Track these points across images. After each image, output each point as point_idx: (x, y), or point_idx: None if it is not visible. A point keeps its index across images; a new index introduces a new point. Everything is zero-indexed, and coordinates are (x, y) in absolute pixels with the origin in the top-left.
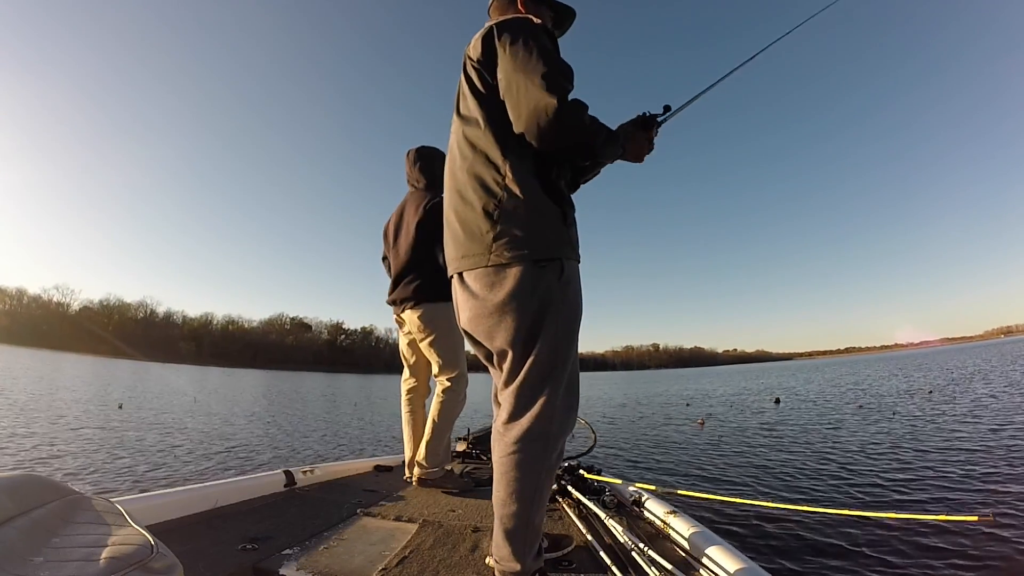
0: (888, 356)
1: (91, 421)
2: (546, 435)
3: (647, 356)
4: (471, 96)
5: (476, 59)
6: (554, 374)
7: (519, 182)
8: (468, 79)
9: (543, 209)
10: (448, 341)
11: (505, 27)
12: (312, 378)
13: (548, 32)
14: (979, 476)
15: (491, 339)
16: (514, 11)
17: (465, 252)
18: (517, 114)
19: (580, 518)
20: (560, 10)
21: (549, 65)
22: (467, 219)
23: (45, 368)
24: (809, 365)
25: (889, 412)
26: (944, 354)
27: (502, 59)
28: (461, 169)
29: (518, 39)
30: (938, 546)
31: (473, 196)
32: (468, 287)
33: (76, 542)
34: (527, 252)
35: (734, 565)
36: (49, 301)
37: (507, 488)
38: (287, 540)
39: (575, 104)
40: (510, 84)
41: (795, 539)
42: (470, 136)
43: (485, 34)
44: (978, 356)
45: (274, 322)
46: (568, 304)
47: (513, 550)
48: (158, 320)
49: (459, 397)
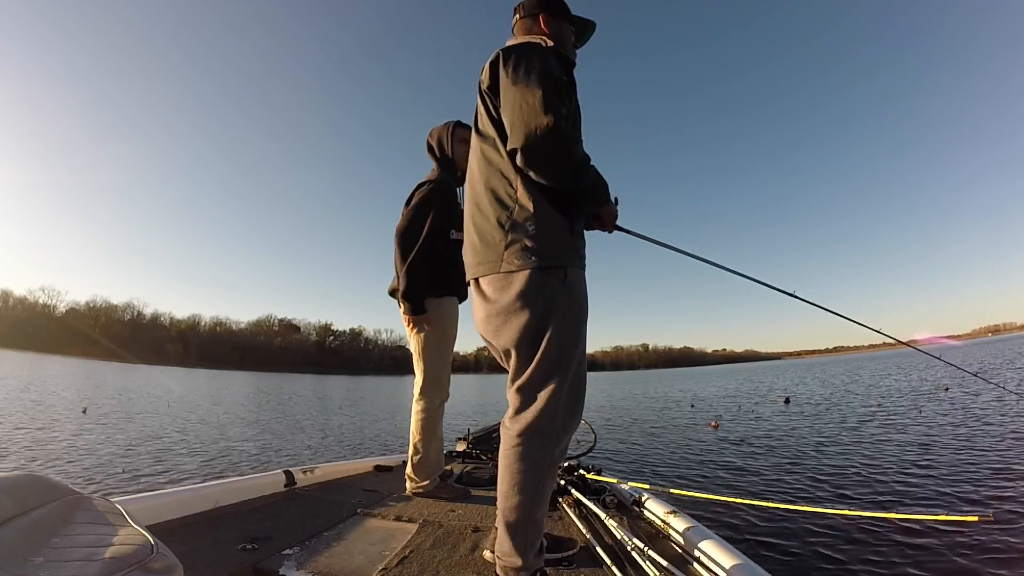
0: (879, 355)
1: (54, 424)
2: (549, 430)
3: (637, 356)
4: (486, 117)
5: (486, 85)
6: (558, 372)
7: (529, 196)
8: (483, 101)
9: (550, 221)
10: (429, 337)
11: (510, 52)
12: (300, 380)
13: (558, 55)
14: (979, 476)
15: (499, 338)
16: (538, 29)
17: (481, 259)
18: (512, 130)
19: (580, 518)
20: (580, 24)
21: (546, 86)
22: (483, 229)
23: (25, 371)
24: (799, 364)
25: (914, 411)
26: (945, 352)
27: (503, 82)
28: (479, 182)
29: (520, 62)
30: (938, 546)
31: (488, 208)
32: (483, 291)
33: (76, 542)
34: (534, 259)
35: (734, 565)
36: (35, 303)
37: (510, 481)
38: (287, 540)
39: (570, 131)
40: (507, 103)
41: (795, 539)
42: (486, 153)
43: (493, 60)
44: (979, 356)
45: (262, 323)
46: (572, 307)
47: (515, 544)
48: (145, 322)
49: (434, 405)
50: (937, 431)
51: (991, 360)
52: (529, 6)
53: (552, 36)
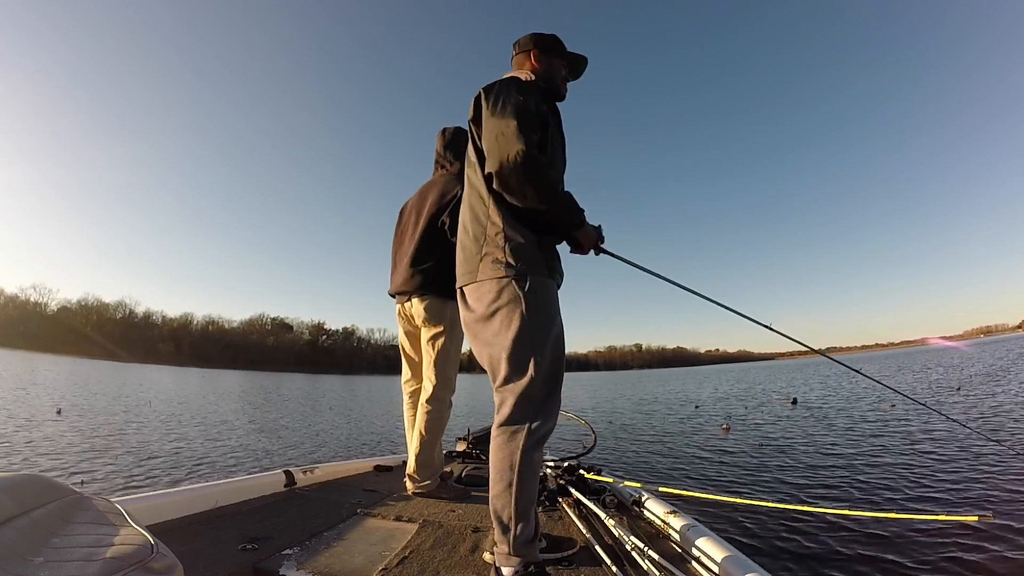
0: (873, 355)
1: (29, 425)
2: (523, 420)
3: (630, 356)
4: (471, 147)
5: (471, 118)
6: (530, 368)
7: (499, 213)
8: (470, 133)
9: (518, 236)
10: (448, 342)
11: (492, 87)
12: (292, 379)
13: (539, 89)
14: (979, 476)
15: (476, 342)
16: (529, 65)
17: (464, 270)
18: (489, 155)
19: (580, 518)
20: (572, 59)
21: (520, 118)
22: (464, 244)
23: (9, 370)
24: (791, 365)
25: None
26: (943, 352)
27: (484, 113)
28: (465, 203)
29: (500, 96)
30: (938, 546)
31: (469, 225)
32: (466, 300)
33: (76, 542)
34: (502, 269)
35: (733, 564)
36: (26, 301)
37: (493, 470)
38: (287, 540)
39: (540, 158)
40: (486, 133)
41: (795, 539)
42: (471, 177)
43: (477, 96)
44: (980, 355)
45: (255, 322)
46: (535, 310)
47: (502, 530)
48: (137, 320)
49: (444, 405)
50: (944, 432)
51: (996, 362)
52: (524, 43)
53: (539, 71)
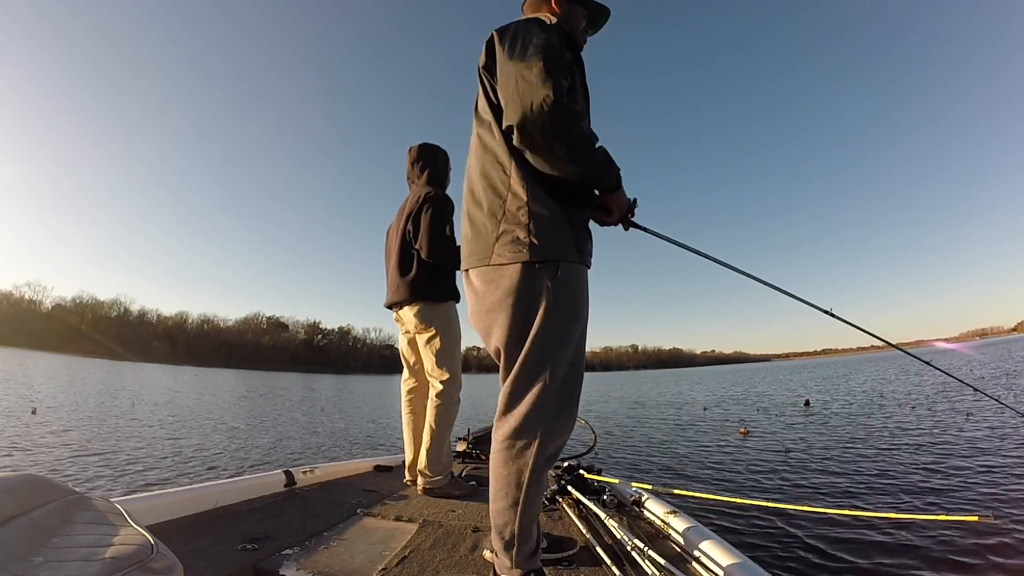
0: (868, 357)
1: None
2: (532, 434)
3: (626, 357)
4: (484, 99)
5: (482, 64)
6: (544, 374)
7: (522, 182)
8: (481, 83)
9: (544, 210)
10: (444, 341)
11: (507, 28)
12: (288, 378)
13: (561, 31)
14: (979, 476)
15: (487, 335)
16: (548, 8)
17: (472, 250)
18: (508, 106)
19: (580, 518)
20: (594, 9)
21: (546, 59)
22: (476, 218)
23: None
24: (788, 366)
25: (961, 415)
26: (945, 355)
27: (499, 58)
28: (475, 169)
29: (518, 37)
30: (938, 546)
31: (482, 196)
32: (473, 284)
33: (76, 542)
34: (524, 252)
35: (733, 564)
36: (21, 299)
37: (495, 485)
38: (287, 540)
39: (571, 105)
40: (504, 80)
41: (795, 538)
42: (483, 138)
43: (489, 38)
44: (982, 358)
45: (250, 321)
46: (562, 305)
47: (504, 546)
48: (132, 318)
49: (452, 400)
50: (951, 434)
51: (1002, 364)
52: None
53: (560, 15)
